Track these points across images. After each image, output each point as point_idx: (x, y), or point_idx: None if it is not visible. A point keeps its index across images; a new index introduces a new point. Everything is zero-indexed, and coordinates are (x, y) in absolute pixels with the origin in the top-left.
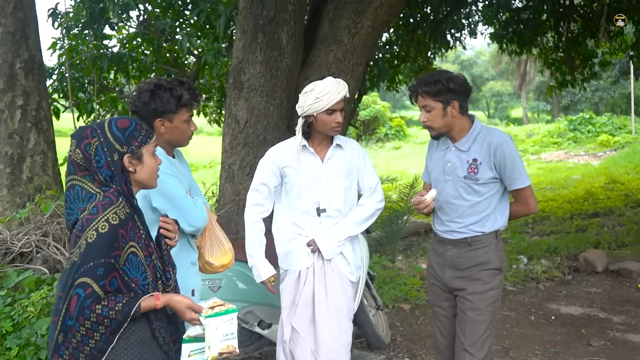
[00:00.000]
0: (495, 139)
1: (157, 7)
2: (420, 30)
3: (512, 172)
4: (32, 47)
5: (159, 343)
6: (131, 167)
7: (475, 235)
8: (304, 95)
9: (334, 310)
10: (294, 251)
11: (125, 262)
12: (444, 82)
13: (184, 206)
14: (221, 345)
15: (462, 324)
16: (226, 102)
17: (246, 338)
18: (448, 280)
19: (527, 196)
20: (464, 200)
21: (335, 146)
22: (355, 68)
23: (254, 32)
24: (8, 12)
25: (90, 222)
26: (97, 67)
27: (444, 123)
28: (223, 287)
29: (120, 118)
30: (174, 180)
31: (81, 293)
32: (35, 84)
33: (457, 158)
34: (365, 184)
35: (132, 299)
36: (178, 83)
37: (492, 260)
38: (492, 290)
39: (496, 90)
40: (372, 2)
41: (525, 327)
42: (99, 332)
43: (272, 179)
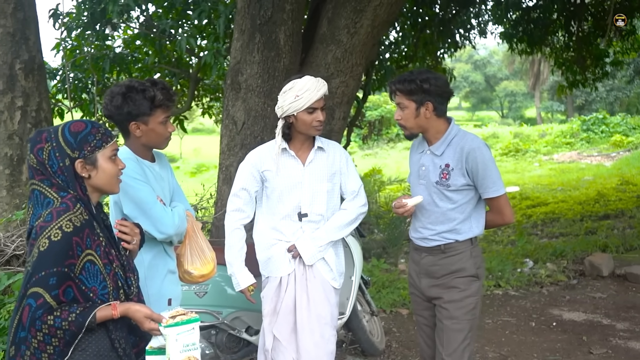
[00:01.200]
0: (468, 144)
1: (159, 7)
2: (429, 29)
3: (484, 180)
4: (32, 48)
5: (119, 354)
6: (85, 173)
7: (449, 242)
8: (282, 94)
9: (315, 318)
10: (274, 257)
11: (81, 270)
12: (417, 82)
13: (153, 213)
14: (181, 356)
15: (440, 333)
16: (224, 103)
17: (234, 344)
18: (425, 289)
19: (502, 205)
20: (436, 207)
21: (317, 149)
22: (355, 68)
23: (251, 32)
24: (8, 13)
25: (44, 229)
26: (99, 67)
27: (416, 123)
28: (210, 292)
29: (76, 122)
30: (143, 185)
31: (32, 303)
32: (35, 85)
33: (431, 162)
34: (348, 188)
35: (87, 308)
36: (151, 84)
37: (467, 267)
38: (469, 298)
39: (510, 90)
40: (371, 1)
41: (525, 334)
42: (52, 344)
43: (253, 184)
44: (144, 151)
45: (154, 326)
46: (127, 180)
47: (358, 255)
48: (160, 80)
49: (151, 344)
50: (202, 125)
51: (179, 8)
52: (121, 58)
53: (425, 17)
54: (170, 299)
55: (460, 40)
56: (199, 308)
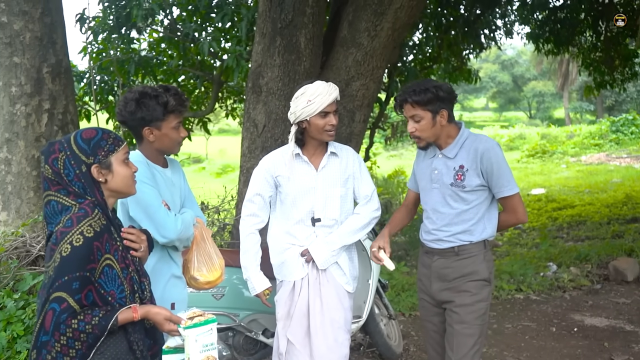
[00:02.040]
0: (482, 145)
1: (183, 11)
2: (453, 30)
3: (499, 179)
4: (59, 52)
5: (136, 356)
6: (101, 177)
7: (463, 244)
8: (295, 100)
9: (329, 322)
10: (288, 261)
11: (100, 275)
12: (433, 91)
13: (156, 216)
14: (201, 356)
15: (450, 338)
16: (245, 106)
17: (251, 346)
18: (435, 293)
19: (516, 204)
20: (450, 208)
21: (329, 154)
22: (376, 71)
23: (272, 35)
24: (36, 17)
25: (65, 235)
26: (124, 70)
27: (432, 133)
28: (227, 295)
29: (87, 129)
30: (149, 189)
31: (56, 308)
32: (62, 88)
33: (443, 165)
34: (361, 192)
35: (109, 312)
36: (164, 90)
37: (480, 270)
38: (481, 303)
39: (538, 90)
40: (391, 4)
41: (545, 339)
42: (75, 347)
43: (267, 189)
44: (156, 156)
45: (174, 327)
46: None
47: None
48: (172, 86)
49: (168, 343)
50: (229, 126)
51: (202, 11)
52: (146, 61)
53: (450, 18)
54: (174, 303)
55: (486, 41)
56: (216, 310)
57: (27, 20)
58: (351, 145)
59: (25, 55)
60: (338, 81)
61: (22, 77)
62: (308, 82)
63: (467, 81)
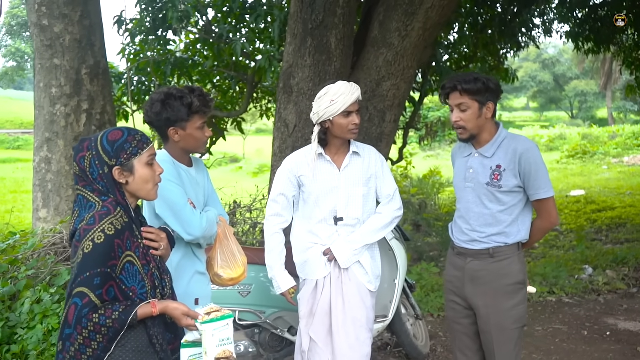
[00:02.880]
0: (521, 146)
1: (218, 13)
2: (490, 30)
3: (536, 181)
4: (98, 54)
5: (156, 350)
6: (122, 179)
7: (498, 246)
8: (318, 100)
9: (351, 321)
10: (310, 260)
11: (122, 271)
12: (484, 81)
13: (182, 215)
14: (217, 350)
15: (488, 345)
16: (277, 106)
17: (277, 344)
18: (469, 296)
19: (550, 207)
20: (485, 209)
21: (352, 154)
22: (406, 71)
23: (303, 36)
24: (75, 20)
25: (87, 232)
26: (160, 71)
27: (477, 124)
28: (253, 292)
29: (113, 130)
30: (176, 187)
31: (79, 302)
32: (100, 88)
33: (480, 164)
34: (383, 192)
35: (129, 307)
36: (189, 91)
37: (516, 273)
38: (518, 306)
39: (580, 89)
40: (422, 4)
41: (576, 343)
42: (97, 340)
43: (290, 189)
44: (181, 155)
45: (191, 322)
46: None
47: (402, 259)
48: (198, 87)
49: (186, 337)
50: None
51: (237, 13)
52: (182, 62)
53: (486, 17)
54: (198, 299)
55: (524, 40)
56: (243, 307)
57: (67, 23)
58: (381, 146)
59: (65, 57)
60: (369, 81)
61: (62, 78)
62: (330, 83)
63: (505, 80)
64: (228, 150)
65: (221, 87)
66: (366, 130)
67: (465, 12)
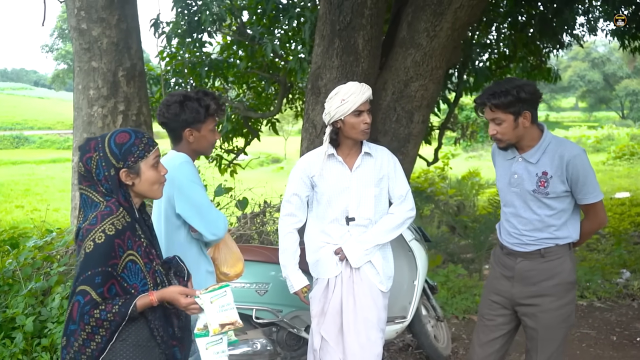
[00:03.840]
0: (568, 151)
1: (253, 14)
2: (531, 28)
3: (584, 187)
4: (134, 56)
5: (157, 342)
6: (129, 181)
7: (549, 246)
8: (329, 101)
9: (362, 320)
10: (322, 260)
11: (123, 269)
12: (514, 93)
13: (209, 215)
14: (219, 316)
15: (532, 342)
16: (305, 107)
17: (294, 342)
18: (517, 295)
19: (599, 210)
20: (533, 214)
21: (364, 154)
22: (435, 71)
23: (330, 37)
24: (112, 24)
25: (89, 232)
26: (196, 73)
27: (515, 135)
28: (270, 291)
29: (121, 132)
30: (201, 188)
31: (81, 300)
32: (136, 90)
33: (524, 170)
34: (396, 192)
35: (128, 299)
36: (203, 94)
37: (566, 272)
38: (567, 306)
39: (631, 89)
40: (451, 4)
41: (603, 348)
42: (100, 334)
43: (303, 189)
44: (192, 156)
45: (190, 301)
46: (186, 182)
47: (421, 260)
48: (211, 91)
49: (197, 325)
50: None
51: (270, 14)
52: (217, 64)
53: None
54: None
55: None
56: (260, 305)
57: (105, 27)
58: (409, 146)
59: (102, 59)
60: (397, 82)
61: (100, 80)
62: (341, 84)
63: (547, 80)
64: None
65: (256, 88)
66: (394, 131)
67: (504, 12)
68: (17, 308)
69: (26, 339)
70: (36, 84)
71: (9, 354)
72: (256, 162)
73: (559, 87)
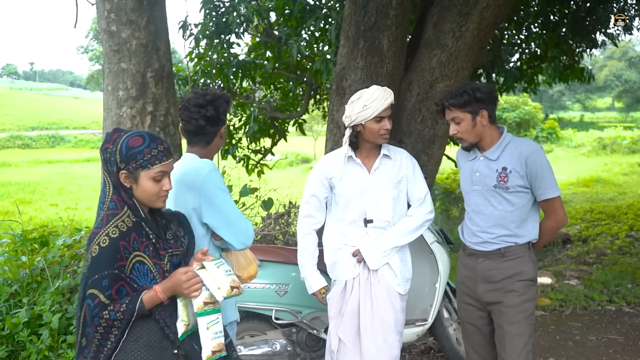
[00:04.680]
0: (527, 148)
1: (280, 16)
2: (563, 27)
3: (543, 182)
4: (162, 58)
5: (170, 340)
6: (127, 184)
7: (509, 245)
8: (350, 104)
9: (379, 322)
10: (340, 261)
11: (132, 270)
12: (470, 93)
13: (238, 224)
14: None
15: (501, 339)
16: (329, 108)
17: (313, 343)
18: (482, 294)
19: (557, 207)
20: (495, 210)
21: (382, 156)
22: (460, 72)
23: (355, 38)
24: (142, 26)
25: (95, 235)
26: (224, 74)
27: (474, 134)
28: (290, 292)
29: (137, 135)
30: (229, 197)
31: (90, 303)
32: (164, 91)
33: (485, 167)
34: (414, 195)
35: (135, 296)
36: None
37: (527, 271)
38: (528, 302)
39: None
40: (477, 4)
41: (630, 354)
42: (113, 333)
43: (322, 190)
44: (210, 157)
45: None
46: (215, 191)
47: (443, 263)
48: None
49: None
50: None
51: (297, 15)
52: (244, 65)
53: (557, 15)
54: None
55: (601, 37)
56: (280, 306)
57: (134, 29)
58: (434, 148)
59: (131, 61)
60: (422, 83)
61: (128, 81)
62: (364, 87)
63: (580, 80)
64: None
65: (283, 89)
66: (419, 132)
67: (535, 11)
68: (45, 305)
69: (52, 335)
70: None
71: (36, 350)
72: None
73: (595, 87)
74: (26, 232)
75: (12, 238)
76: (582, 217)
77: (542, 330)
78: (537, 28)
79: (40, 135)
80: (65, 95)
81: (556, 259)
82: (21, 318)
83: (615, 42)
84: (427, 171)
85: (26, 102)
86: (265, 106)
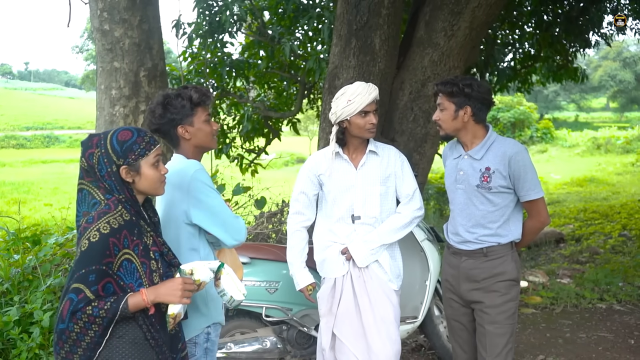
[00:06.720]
0: (510, 148)
1: (274, 15)
2: (557, 28)
3: (526, 183)
4: (156, 57)
5: (151, 345)
6: (129, 178)
7: (491, 245)
8: (335, 101)
9: (380, 318)
10: (329, 259)
11: (119, 268)
12: (459, 86)
13: (229, 221)
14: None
15: (482, 338)
16: (322, 107)
17: (304, 341)
18: (464, 293)
19: (540, 208)
20: (477, 210)
21: (369, 152)
22: (452, 71)
23: (347, 37)
24: (134, 25)
25: (86, 230)
26: (217, 73)
27: (452, 125)
28: (280, 289)
29: (123, 130)
30: (217, 194)
31: (74, 298)
32: (157, 90)
33: (469, 167)
34: (403, 191)
35: (120, 297)
36: (183, 88)
37: (509, 271)
38: (510, 302)
39: None
40: (469, 3)
41: (620, 352)
42: (93, 329)
43: (311, 188)
44: (196, 154)
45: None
46: (203, 189)
47: (434, 260)
48: (191, 84)
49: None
50: None
51: (290, 15)
52: (237, 64)
53: (550, 15)
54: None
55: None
56: (270, 304)
57: (127, 28)
58: (426, 146)
59: (124, 60)
60: (414, 82)
61: (121, 80)
62: (348, 84)
63: (574, 80)
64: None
65: (277, 88)
66: (411, 131)
67: (529, 11)
68: (36, 303)
69: (43, 333)
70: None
71: (27, 348)
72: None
73: (590, 87)
74: (19, 231)
75: (4, 236)
76: (576, 216)
77: (532, 328)
78: (530, 28)
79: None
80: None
81: (549, 258)
82: (12, 316)
83: (609, 42)
84: (419, 170)
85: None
86: (259, 105)
